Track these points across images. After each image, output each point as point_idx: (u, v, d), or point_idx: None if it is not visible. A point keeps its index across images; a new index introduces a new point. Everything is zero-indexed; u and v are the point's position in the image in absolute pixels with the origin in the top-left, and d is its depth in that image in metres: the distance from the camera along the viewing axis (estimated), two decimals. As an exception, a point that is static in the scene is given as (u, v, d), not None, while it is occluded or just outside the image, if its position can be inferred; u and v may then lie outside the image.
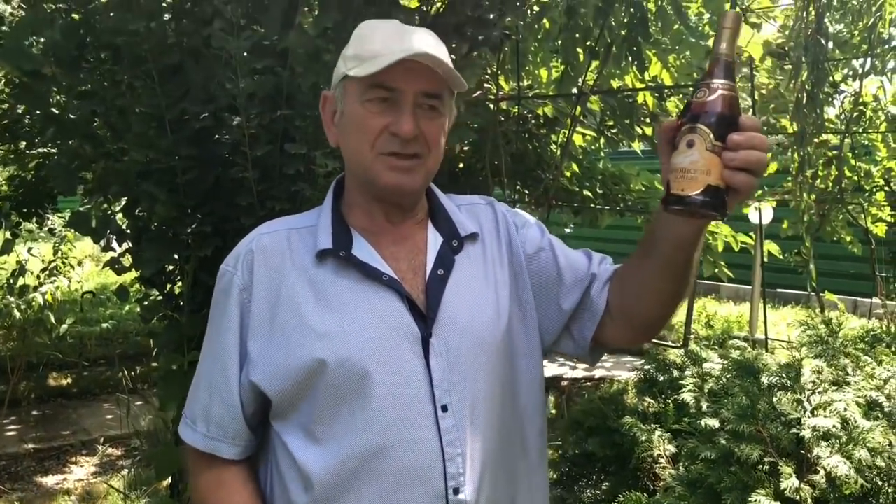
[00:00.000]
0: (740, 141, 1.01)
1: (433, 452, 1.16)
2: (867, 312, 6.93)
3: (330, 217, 1.27)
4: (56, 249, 6.26)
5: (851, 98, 5.85)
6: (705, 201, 1.02)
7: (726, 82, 1.03)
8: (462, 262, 1.28)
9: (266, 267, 1.23)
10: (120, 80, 2.49)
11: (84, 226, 2.74)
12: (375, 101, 1.18)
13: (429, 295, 1.22)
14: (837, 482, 2.14)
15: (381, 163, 1.20)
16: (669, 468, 2.56)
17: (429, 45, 1.19)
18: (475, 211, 1.37)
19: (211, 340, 1.28)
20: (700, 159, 1.01)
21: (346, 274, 1.21)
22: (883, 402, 2.43)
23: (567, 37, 3.81)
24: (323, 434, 1.17)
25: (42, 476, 4.56)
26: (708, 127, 1.01)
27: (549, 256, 1.35)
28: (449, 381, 1.19)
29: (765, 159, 1.03)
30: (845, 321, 3.19)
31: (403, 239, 1.28)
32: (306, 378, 1.16)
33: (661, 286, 1.23)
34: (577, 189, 5.29)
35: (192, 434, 1.27)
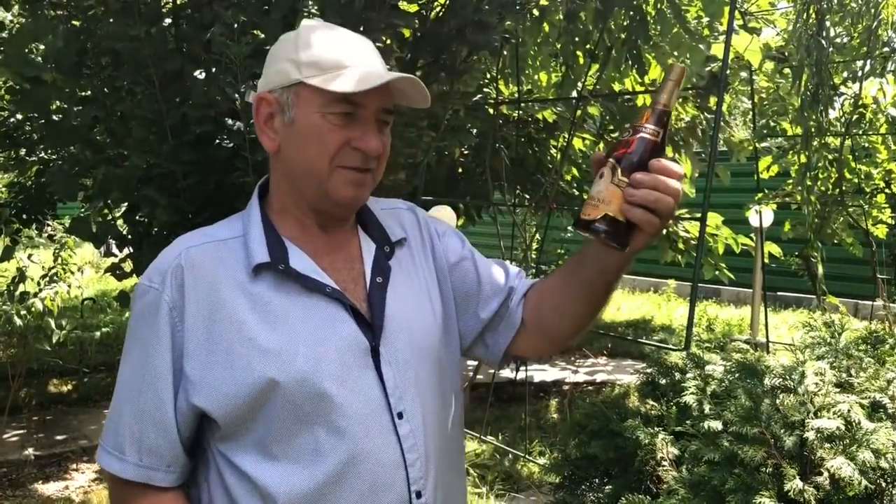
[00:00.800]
0: (642, 180, 1.07)
1: (396, 461, 1.17)
2: (868, 315, 6.93)
3: (261, 226, 1.21)
4: (56, 256, 6.25)
5: (851, 100, 5.86)
6: (604, 230, 1.10)
7: (653, 128, 1.10)
8: (396, 267, 1.28)
9: (197, 283, 1.16)
10: (120, 86, 2.50)
11: (85, 232, 2.75)
12: (339, 114, 1.15)
13: (372, 304, 1.22)
14: (841, 484, 2.13)
15: (340, 176, 1.17)
16: (672, 471, 2.55)
17: (376, 57, 1.20)
18: (398, 216, 1.37)
19: (134, 364, 1.19)
20: (604, 190, 1.09)
21: (287, 287, 1.17)
22: (887, 404, 2.42)
23: (566, 40, 3.81)
24: (282, 452, 1.14)
25: (43, 483, 4.55)
26: (618, 162, 1.09)
27: (471, 266, 1.38)
28: (401, 388, 1.20)
29: (668, 202, 1.07)
30: (847, 323, 3.18)
31: (338, 247, 1.26)
32: (258, 398, 1.12)
33: (579, 307, 1.31)
34: (576, 193, 5.30)
35: (119, 464, 1.17)
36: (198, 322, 1.15)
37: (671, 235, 5.37)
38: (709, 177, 3.36)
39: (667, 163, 1.08)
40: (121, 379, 1.21)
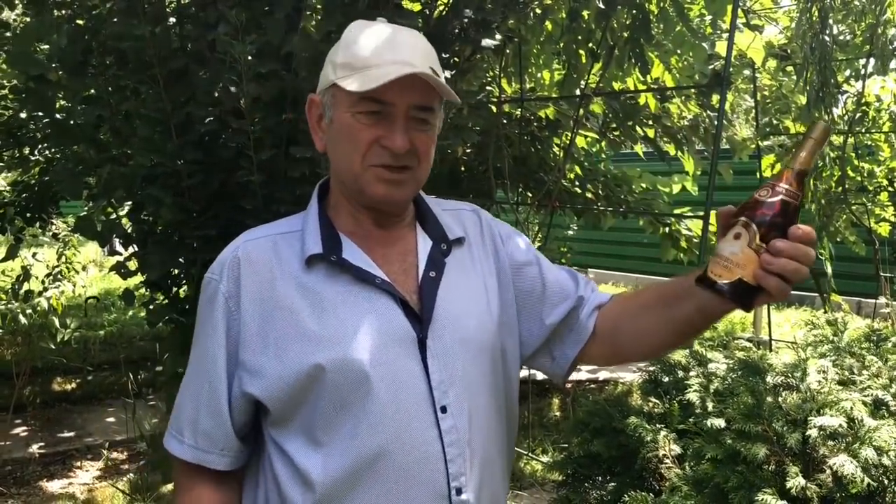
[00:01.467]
0: (782, 248, 1.03)
1: (435, 454, 1.16)
2: (871, 313, 6.91)
3: (317, 221, 1.25)
4: (60, 254, 6.27)
5: (854, 98, 5.85)
6: (732, 292, 1.06)
7: (791, 190, 1.05)
8: (452, 264, 1.28)
9: (253, 274, 1.21)
10: (125, 85, 2.51)
11: (90, 230, 2.75)
12: (366, 113, 1.18)
13: (422, 297, 1.23)
14: (844, 481, 2.14)
15: (371, 174, 1.20)
16: (675, 468, 2.56)
17: (422, 57, 1.18)
18: (460, 217, 1.38)
19: (197, 351, 1.26)
20: (739, 253, 1.05)
21: (338, 278, 1.20)
22: (889, 402, 2.42)
23: (569, 39, 3.81)
24: (325, 439, 1.16)
25: (47, 481, 4.57)
26: (756, 226, 1.04)
27: (536, 271, 1.37)
28: (447, 383, 1.19)
29: (804, 272, 1.04)
30: (850, 321, 3.19)
31: (393, 242, 1.28)
32: (306, 384, 1.16)
33: (666, 338, 1.29)
34: (579, 191, 5.30)
35: (178, 446, 1.25)
36: (253, 312, 1.20)
37: (674, 234, 5.37)
38: (711, 175, 3.36)
39: (806, 229, 1.04)
40: (189, 364, 1.28)
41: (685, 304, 1.21)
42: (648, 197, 5.41)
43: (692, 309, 1.20)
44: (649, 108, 4.89)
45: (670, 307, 1.24)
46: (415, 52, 1.19)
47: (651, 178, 5.47)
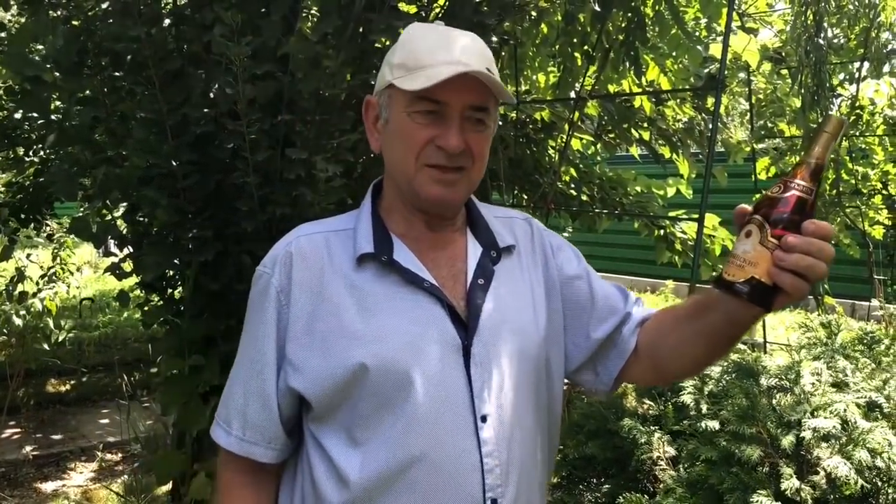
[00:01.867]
0: (794, 244, 1.00)
1: (472, 463, 1.14)
2: (865, 315, 6.94)
3: (370, 221, 1.26)
4: (55, 255, 6.25)
5: (849, 102, 5.88)
6: (747, 292, 1.03)
7: (805, 185, 1.03)
8: (501, 272, 1.27)
9: (305, 270, 1.22)
10: (120, 86, 2.51)
11: (85, 232, 2.75)
12: (422, 112, 1.17)
13: (469, 303, 1.21)
14: (837, 483, 2.15)
15: (426, 175, 1.19)
16: (669, 470, 2.57)
17: (476, 58, 1.18)
18: (511, 225, 1.36)
19: (247, 343, 1.26)
20: (751, 251, 1.03)
21: (387, 279, 1.20)
22: (882, 404, 2.44)
23: (565, 41, 3.82)
24: (363, 438, 1.16)
25: (41, 482, 4.55)
26: (768, 222, 1.02)
27: (585, 285, 1.35)
28: (489, 391, 1.17)
29: (821, 268, 1.01)
30: (844, 324, 3.20)
31: (443, 246, 1.27)
32: (348, 382, 1.15)
33: (699, 351, 1.25)
34: (574, 193, 5.30)
35: (226, 437, 1.25)
36: (302, 307, 1.20)
37: (668, 236, 5.38)
38: (706, 178, 3.37)
39: (820, 224, 1.01)
40: (237, 356, 1.28)
41: (712, 313, 1.18)
42: (643, 199, 5.42)
43: (719, 318, 1.17)
44: (644, 111, 4.91)
45: (699, 318, 1.21)
46: (470, 53, 1.18)
47: (646, 181, 5.49)
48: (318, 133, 2.40)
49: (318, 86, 2.34)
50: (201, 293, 2.57)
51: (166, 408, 2.58)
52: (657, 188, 5.49)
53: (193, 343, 2.54)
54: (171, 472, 2.66)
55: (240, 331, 2.50)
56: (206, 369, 2.53)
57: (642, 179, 5.49)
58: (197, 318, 2.57)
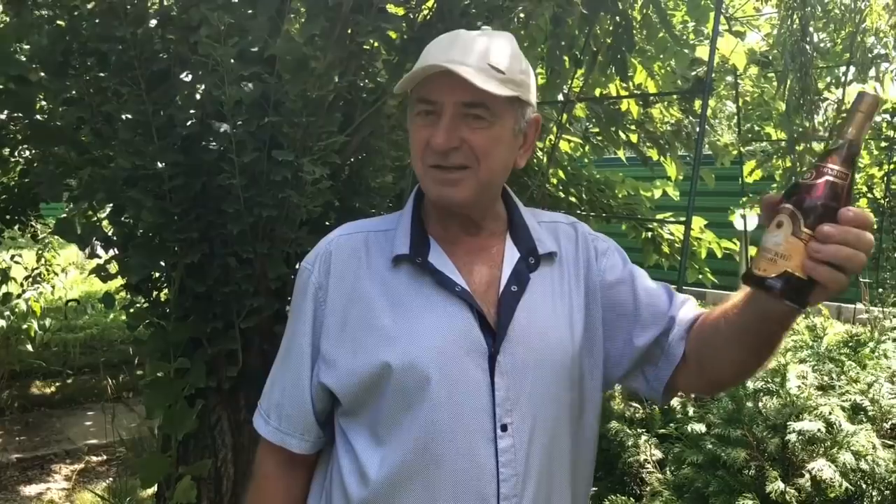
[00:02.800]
0: (830, 233, 0.93)
1: (488, 470, 1.14)
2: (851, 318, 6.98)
3: (409, 223, 1.27)
4: (40, 256, 6.21)
5: (835, 106, 5.91)
6: (780, 288, 0.96)
7: (839, 169, 0.95)
8: (537, 280, 1.25)
9: (343, 268, 1.25)
10: (106, 87, 2.48)
11: (70, 233, 2.73)
12: (421, 114, 1.19)
13: (500, 311, 1.20)
14: (822, 486, 2.16)
15: (429, 176, 1.20)
16: (656, 473, 2.57)
17: (477, 55, 1.16)
18: (556, 230, 1.34)
19: (287, 337, 1.31)
20: (783, 243, 0.96)
21: (420, 281, 1.21)
22: (867, 406, 2.45)
23: (553, 44, 3.82)
24: (385, 437, 1.18)
25: (25, 485, 4.52)
26: (801, 212, 0.95)
27: (629, 289, 1.31)
28: (512, 401, 1.17)
29: (860, 259, 0.93)
30: (829, 326, 3.22)
31: (480, 250, 1.26)
32: (373, 380, 1.17)
33: (740, 355, 1.18)
34: (562, 195, 5.31)
35: (264, 426, 1.31)
36: (337, 304, 1.23)
37: (656, 238, 5.40)
38: (693, 180, 3.38)
39: (859, 212, 0.94)
40: (279, 350, 1.33)
41: (747, 313, 1.11)
42: (631, 201, 5.44)
43: (753, 317, 1.10)
44: (632, 114, 4.92)
45: (735, 320, 1.15)
46: (467, 50, 1.17)
47: (634, 183, 5.50)
48: (304, 135, 2.39)
49: (304, 87, 2.33)
50: (187, 295, 2.55)
51: (151, 411, 2.56)
52: (645, 190, 5.51)
53: (179, 345, 2.52)
54: (156, 476, 2.64)
55: (226, 333, 2.48)
56: (191, 372, 2.52)
57: (630, 181, 5.50)
58: (182, 320, 2.55)
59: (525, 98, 1.21)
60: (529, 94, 1.23)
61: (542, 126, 1.27)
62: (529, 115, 1.24)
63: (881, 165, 6.27)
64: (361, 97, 2.69)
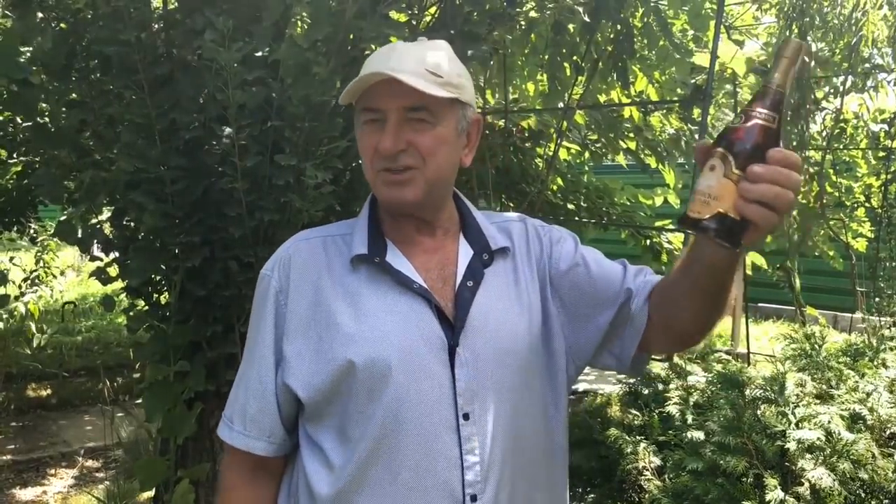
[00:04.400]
0: (760, 173, 0.97)
1: (452, 459, 1.18)
2: (848, 327, 7.00)
3: (366, 225, 1.30)
4: (38, 259, 6.20)
5: (833, 115, 5.93)
6: (714, 228, 1.00)
7: (768, 112, 0.98)
8: (491, 275, 1.29)
9: (303, 271, 1.28)
10: (109, 90, 2.49)
11: (70, 235, 2.73)
12: (368, 122, 1.24)
13: (457, 305, 1.25)
14: (822, 494, 2.16)
15: (379, 179, 1.24)
16: (655, 480, 2.57)
17: (414, 61, 1.20)
18: (508, 227, 1.38)
19: (250, 343, 1.32)
20: (715, 185, 0.99)
21: (379, 280, 1.25)
22: (866, 416, 2.45)
23: (554, 52, 3.84)
24: (352, 434, 1.20)
25: (21, 488, 4.50)
26: (731, 154, 0.98)
27: (584, 271, 1.34)
28: (473, 391, 1.21)
29: (788, 196, 0.98)
30: (828, 335, 3.22)
31: (434, 250, 1.31)
32: (338, 379, 1.20)
33: (696, 306, 1.22)
34: (561, 202, 5.32)
35: (228, 432, 1.31)
36: (299, 307, 1.26)
37: (655, 246, 5.40)
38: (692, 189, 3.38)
39: (786, 152, 0.98)
40: (243, 356, 1.35)
41: (694, 264, 1.15)
42: (630, 209, 5.45)
43: (699, 267, 1.14)
44: (632, 121, 4.93)
45: (686, 274, 1.19)
46: (405, 58, 1.21)
47: (633, 191, 5.51)
48: (307, 139, 2.40)
49: (307, 92, 2.34)
50: (187, 299, 2.55)
51: (150, 414, 2.55)
52: (644, 198, 5.52)
53: (179, 349, 2.52)
54: (154, 479, 2.64)
55: (226, 337, 2.48)
56: (191, 375, 2.52)
57: (629, 189, 5.52)
58: (183, 323, 2.55)
59: (464, 99, 1.26)
60: (468, 95, 1.27)
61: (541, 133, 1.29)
62: (470, 115, 1.29)
63: (879, 175, 6.28)
64: (363, 103, 2.69)
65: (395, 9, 2.71)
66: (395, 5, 2.58)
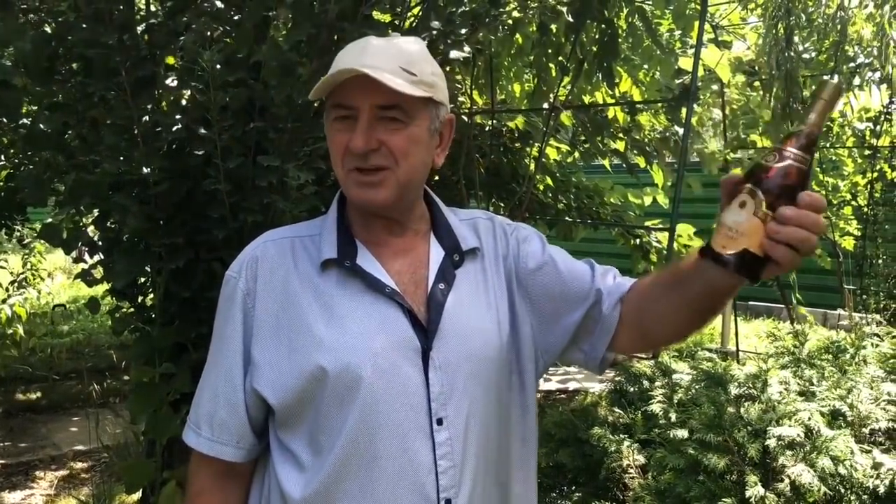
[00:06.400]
0: (790, 216, 0.98)
1: (426, 464, 1.17)
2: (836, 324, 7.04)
3: (335, 227, 1.27)
4: (25, 261, 6.18)
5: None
6: (737, 264, 1.01)
7: (800, 154, 0.99)
8: (462, 276, 1.28)
9: (270, 274, 1.24)
10: (92, 92, 2.48)
11: (55, 238, 2.72)
12: (338, 119, 1.20)
13: (430, 308, 1.23)
14: (801, 490, 2.18)
15: (350, 179, 1.21)
16: (639, 478, 2.59)
17: (388, 58, 1.18)
18: (475, 225, 1.37)
19: (216, 346, 1.29)
20: (745, 222, 1.00)
21: (350, 284, 1.22)
22: (846, 412, 2.47)
23: (539, 52, 3.86)
24: (324, 440, 1.18)
25: (9, 491, 4.49)
26: (763, 192, 0.99)
27: (552, 271, 1.34)
28: (446, 395, 1.20)
29: (813, 241, 0.99)
30: (812, 332, 3.24)
31: (405, 251, 1.28)
32: (309, 386, 1.17)
33: (683, 320, 1.24)
34: (551, 202, 5.33)
35: (195, 438, 1.27)
36: (267, 310, 1.23)
37: (644, 246, 5.42)
38: (678, 188, 3.41)
39: (815, 196, 0.99)
40: (207, 360, 1.30)
41: (695, 282, 1.16)
42: (620, 209, 5.46)
43: (702, 286, 1.15)
44: (618, 122, 4.95)
45: (683, 286, 1.19)
46: (378, 55, 1.18)
47: (622, 191, 5.53)
48: (290, 140, 2.40)
49: (290, 93, 2.34)
50: (172, 300, 2.55)
51: (136, 416, 2.55)
52: (634, 198, 5.53)
53: (164, 351, 2.52)
54: (141, 481, 2.64)
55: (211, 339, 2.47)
56: (176, 377, 2.52)
57: (619, 189, 5.53)
58: (168, 325, 2.55)
59: (438, 98, 1.23)
60: (442, 94, 1.24)
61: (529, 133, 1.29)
62: (443, 115, 1.27)
63: (865, 173, 6.32)
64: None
65: (377, 9, 2.71)
66: (377, 6, 2.59)
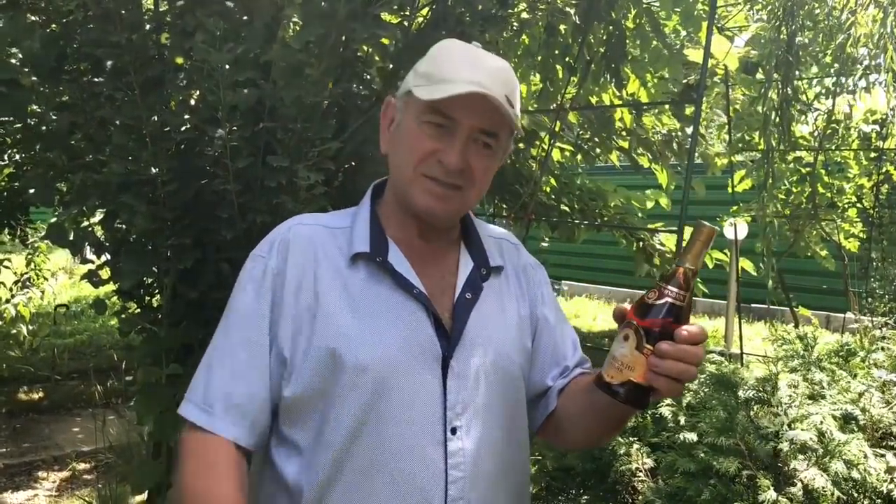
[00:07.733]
0: (668, 351, 1.04)
1: (437, 473, 1.16)
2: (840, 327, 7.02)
3: (368, 221, 1.27)
4: (29, 261, 6.17)
5: (824, 116, 5.95)
6: (625, 394, 1.08)
7: (678, 292, 1.07)
8: (488, 290, 1.29)
9: (300, 256, 1.22)
10: (100, 92, 2.48)
11: (61, 238, 2.71)
12: (432, 124, 1.19)
13: (455, 316, 1.23)
14: (814, 494, 2.16)
15: (420, 184, 1.20)
16: (648, 481, 2.57)
17: (501, 84, 1.18)
18: (502, 246, 1.39)
19: (236, 324, 1.22)
20: (628, 355, 1.07)
21: (379, 280, 1.21)
22: (858, 416, 2.46)
23: (546, 53, 3.85)
24: (335, 439, 1.16)
25: (12, 492, 4.47)
26: (643, 329, 1.06)
27: (555, 329, 1.38)
28: (462, 405, 1.19)
29: (692, 371, 1.05)
30: (820, 335, 3.23)
31: (436, 257, 1.28)
32: (324, 377, 1.15)
33: (592, 426, 1.30)
34: (554, 204, 5.32)
35: (207, 418, 1.18)
36: (292, 294, 1.20)
37: (647, 248, 5.41)
38: (685, 190, 3.39)
39: (691, 331, 1.05)
40: (217, 340, 1.24)
41: (598, 399, 1.17)
42: (623, 211, 5.46)
43: (602, 404, 1.18)
44: (624, 122, 4.94)
45: (588, 400, 1.25)
46: (493, 78, 1.19)
47: (626, 193, 5.52)
48: (299, 141, 2.39)
49: (299, 94, 2.33)
50: (180, 301, 2.54)
51: (142, 417, 2.54)
52: (636, 200, 5.53)
53: (171, 352, 2.51)
54: (147, 482, 2.63)
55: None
56: (183, 378, 2.51)
57: (622, 191, 5.53)
58: (175, 326, 2.54)
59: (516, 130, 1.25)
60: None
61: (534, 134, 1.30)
62: (511, 145, 1.29)
63: (870, 176, 6.31)
64: (356, 104, 2.69)
65: (386, 10, 2.70)
66: (386, 6, 2.57)
